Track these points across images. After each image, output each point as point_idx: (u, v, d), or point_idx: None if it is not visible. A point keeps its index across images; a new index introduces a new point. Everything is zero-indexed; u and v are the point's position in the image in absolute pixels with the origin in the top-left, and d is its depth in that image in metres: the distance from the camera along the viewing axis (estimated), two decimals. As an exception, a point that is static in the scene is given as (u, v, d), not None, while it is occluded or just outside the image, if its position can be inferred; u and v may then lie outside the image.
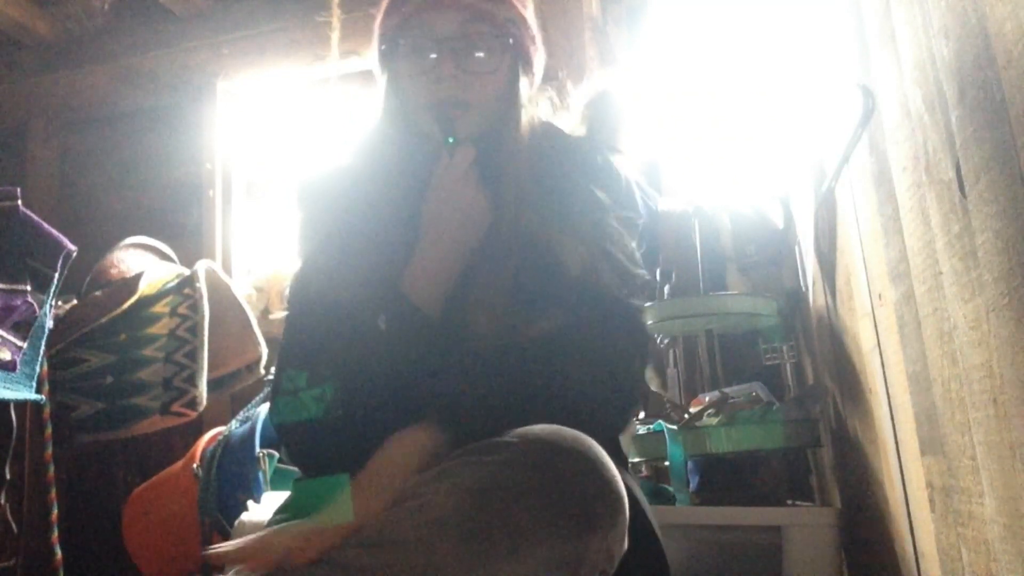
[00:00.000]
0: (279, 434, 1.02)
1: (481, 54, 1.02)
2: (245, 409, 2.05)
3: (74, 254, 1.77)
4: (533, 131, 1.08)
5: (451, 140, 1.01)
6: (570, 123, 1.63)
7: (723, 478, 1.58)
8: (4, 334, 1.61)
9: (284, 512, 0.96)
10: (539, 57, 1.11)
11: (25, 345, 1.65)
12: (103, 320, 2.06)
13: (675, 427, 1.56)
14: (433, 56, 1.00)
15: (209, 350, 2.06)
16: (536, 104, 1.12)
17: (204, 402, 2.02)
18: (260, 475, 1.82)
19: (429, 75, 1.01)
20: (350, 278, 1.01)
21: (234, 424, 1.98)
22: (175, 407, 1.98)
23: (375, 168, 1.08)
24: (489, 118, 1.04)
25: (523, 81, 1.07)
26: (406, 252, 1.01)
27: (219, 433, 2.00)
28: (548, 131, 1.12)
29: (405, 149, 1.07)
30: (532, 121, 1.09)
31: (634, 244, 1.08)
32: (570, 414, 0.82)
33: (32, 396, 1.67)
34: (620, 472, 0.82)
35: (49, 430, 1.79)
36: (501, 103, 1.05)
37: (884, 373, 1.13)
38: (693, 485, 1.59)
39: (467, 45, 1.01)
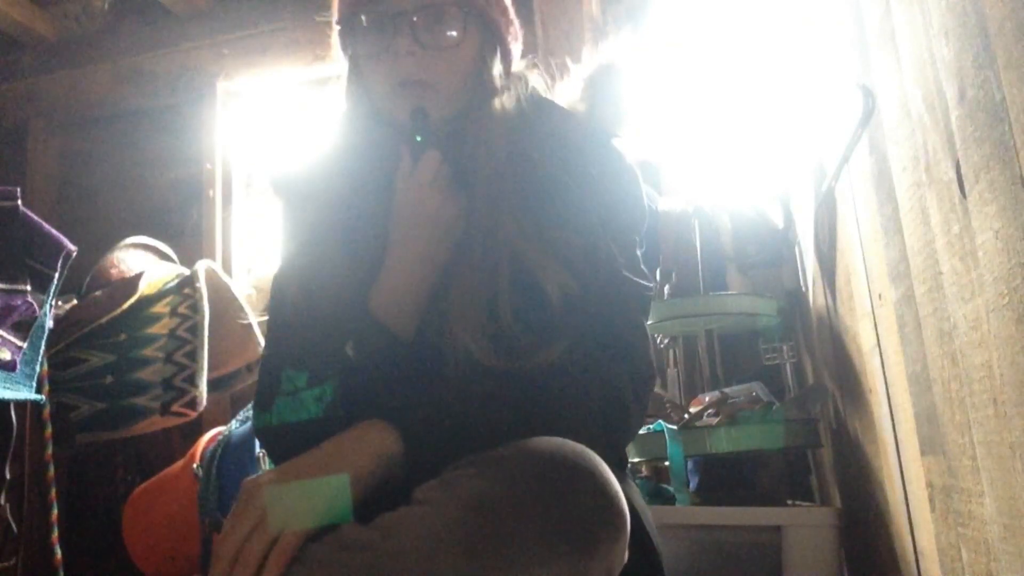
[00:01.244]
0: (259, 439, 0.97)
1: (442, 27, 0.94)
2: (245, 409, 2.05)
3: (74, 254, 1.77)
4: (509, 115, 0.99)
5: (419, 139, 0.94)
6: (569, 98, 1.55)
7: (723, 478, 1.58)
8: (4, 334, 1.61)
9: None
10: (513, 34, 1.03)
11: (25, 345, 1.65)
12: (103, 320, 2.06)
13: (675, 427, 1.56)
14: (390, 32, 0.93)
15: (209, 350, 2.06)
16: (523, 84, 1.03)
17: (204, 402, 2.02)
18: (260, 475, 1.82)
19: (387, 53, 0.94)
20: (319, 293, 0.95)
21: (234, 424, 1.98)
22: (175, 407, 1.98)
23: (343, 165, 1.02)
24: (456, 99, 0.97)
25: (496, 61, 0.99)
26: (375, 262, 0.95)
27: (219, 433, 2.00)
28: (540, 111, 1.03)
29: (371, 142, 1.01)
30: (513, 104, 1.00)
31: (637, 244, 1.01)
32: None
33: (32, 396, 1.67)
34: (619, 477, 0.81)
35: (49, 430, 1.79)
36: (469, 83, 0.97)
37: (884, 373, 1.12)
38: (693, 485, 1.59)
39: (426, 18, 0.93)
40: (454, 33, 0.95)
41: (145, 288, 2.17)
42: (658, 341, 2.10)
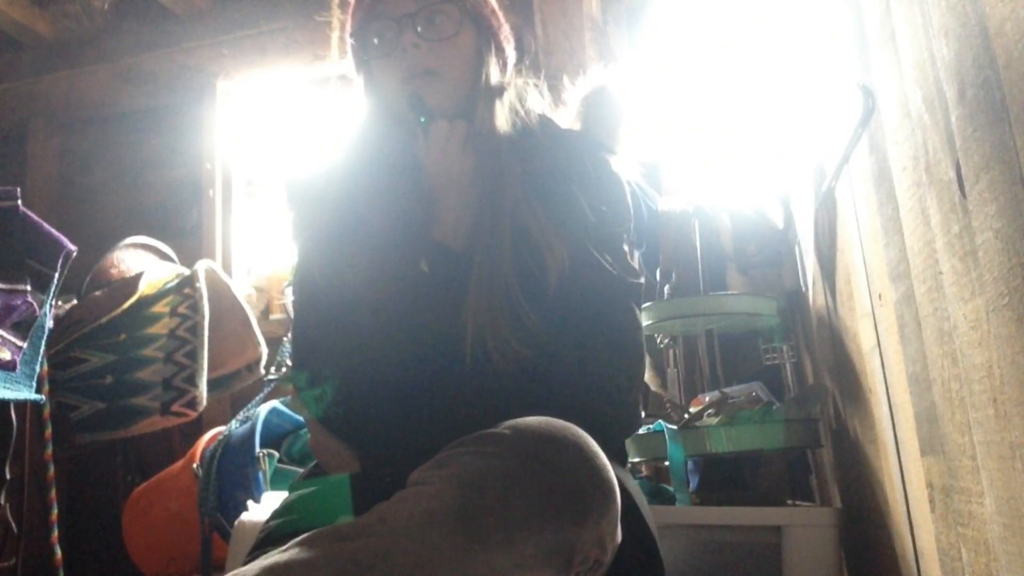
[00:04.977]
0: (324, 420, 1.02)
1: (440, 22, 1.06)
2: (245, 409, 2.05)
3: (74, 254, 1.77)
4: (516, 116, 1.09)
5: (423, 120, 1.04)
6: (566, 119, 1.61)
7: (723, 478, 1.58)
8: (4, 334, 1.61)
9: (280, 516, 0.96)
10: (505, 35, 1.13)
11: (25, 345, 1.65)
12: (103, 320, 2.06)
13: (675, 427, 1.55)
14: (395, 32, 1.05)
15: (209, 350, 2.06)
16: (520, 93, 1.13)
17: (204, 402, 2.02)
18: (260, 475, 1.82)
19: (394, 52, 1.05)
20: (360, 258, 1.02)
21: (234, 424, 1.98)
22: (175, 407, 1.98)
23: (361, 163, 1.10)
24: (459, 89, 1.06)
25: (492, 58, 1.10)
26: (409, 226, 1.03)
27: (219, 433, 1.99)
28: (539, 122, 1.12)
29: (385, 139, 1.10)
30: (514, 105, 1.10)
31: (624, 247, 1.08)
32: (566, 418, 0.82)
33: (32, 396, 1.67)
34: (616, 469, 0.82)
35: (49, 430, 1.79)
36: (470, 75, 1.07)
37: (884, 373, 1.12)
38: (693, 485, 1.59)
39: (426, 16, 1.05)
40: (451, 26, 1.06)
41: (145, 288, 2.17)
42: (658, 341, 2.10)
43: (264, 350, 2.27)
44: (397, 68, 1.05)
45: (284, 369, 2.17)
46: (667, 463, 1.60)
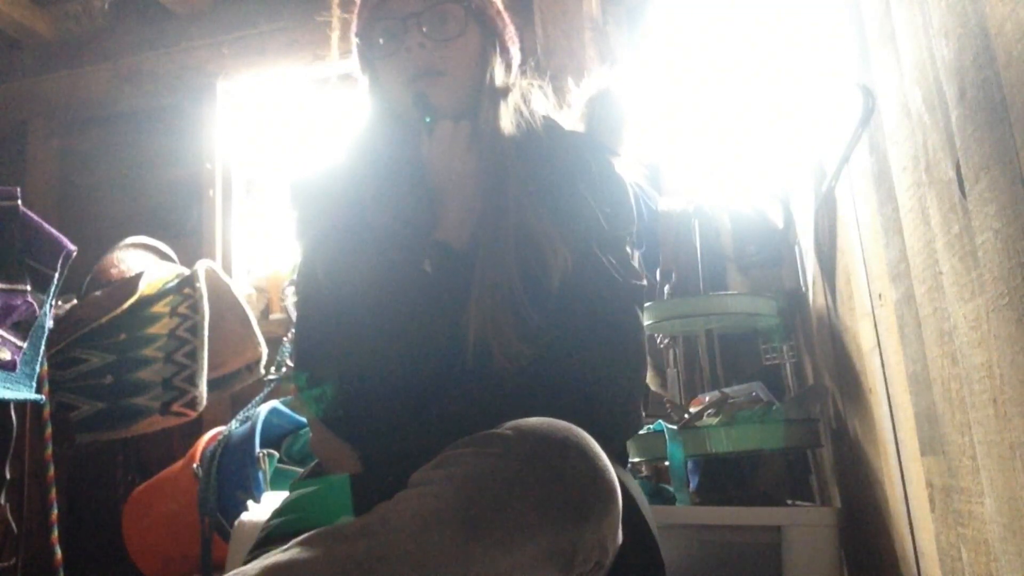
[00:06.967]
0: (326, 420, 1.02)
1: (446, 22, 1.06)
2: (245, 409, 2.05)
3: (74, 254, 1.77)
4: (521, 117, 1.09)
5: (428, 120, 1.05)
6: (570, 120, 1.61)
7: (723, 478, 1.58)
8: (4, 334, 1.61)
9: (281, 516, 0.96)
10: (511, 36, 1.14)
11: (25, 345, 1.65)
12: (103, 320, 2.06)
13: (675, 427, 1.56)
14: (401, 31, 1.05)
15: (209, 350, 2.06)
16: (524, 94, 1.13)
17: (204, 402, 2.02)
18: (260, 475, 1.82)
19: (400, 52, 1.06)
20: (363, 257, 1.02)
21: (234, 424, 1.98)
22: (175, 407, 1.98)
23: (365, 163, 1.10)
24: (463, 89, 1.07)
25: (496, 59, 1.10)
26: (412, 226, 1.03)
27: (219, 433, 2.00)
28: (543, 124, 1.12)
29: (390, 140, 1.10)
30: (518, 106, 1.10)
31: (626, 243, 1.08)
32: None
33: (32, 396, 1.66)
34: (618, 470, 0.82)
35: (49, 430, 1.79)
36: (475, 75, 1.08)
37: (884, 373, 1.12)
38: (693, 485, 1.59)
39: (432, 16, 1.05)
40: (457, 26, 1.06)
41: (145, 288, 2.16)
42: (658, 341, 2.10)
43: (264, 350, 2.27)
44: (402, 68, 1.05)
45: (284, 369, 2.17)
46: (667, 463, 1.60)
